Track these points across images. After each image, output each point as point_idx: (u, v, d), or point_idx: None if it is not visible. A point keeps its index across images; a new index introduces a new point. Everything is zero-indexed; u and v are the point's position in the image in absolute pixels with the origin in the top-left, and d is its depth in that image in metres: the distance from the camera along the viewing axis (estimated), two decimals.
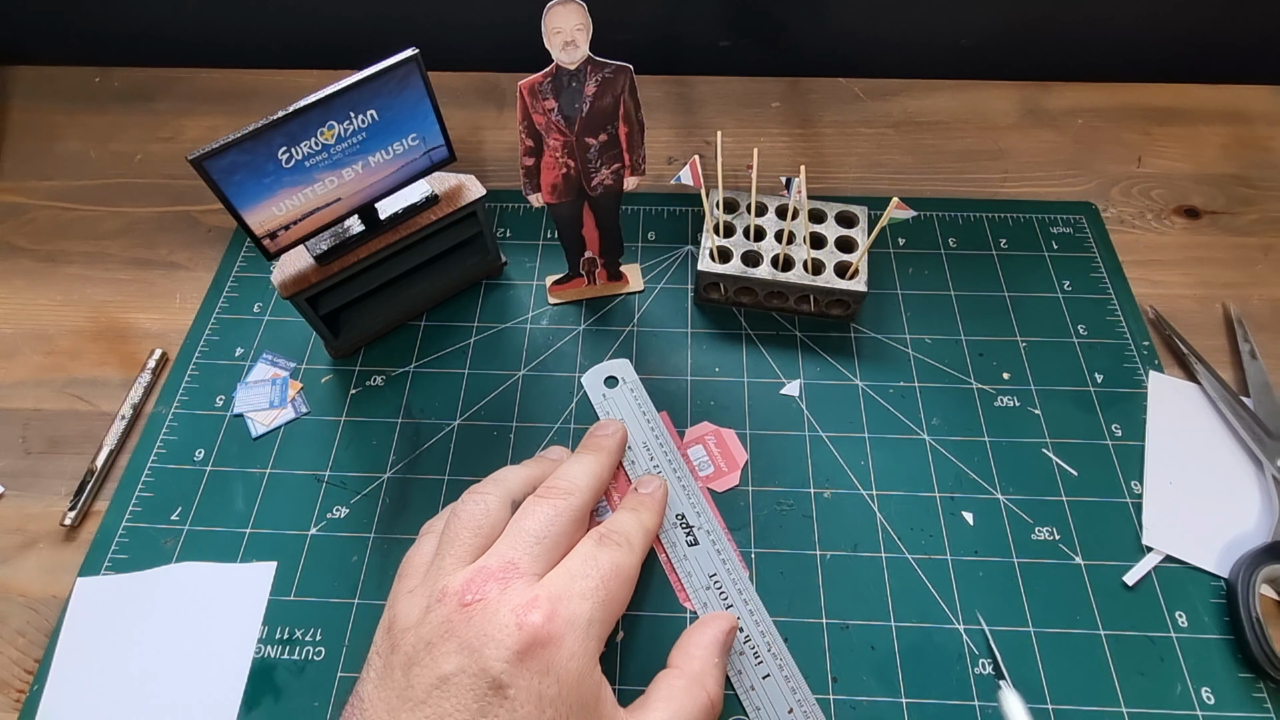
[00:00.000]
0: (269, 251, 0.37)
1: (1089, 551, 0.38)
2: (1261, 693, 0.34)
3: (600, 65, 0.36)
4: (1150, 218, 0.50)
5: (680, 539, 0.38)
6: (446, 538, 0.32)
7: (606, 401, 0.42)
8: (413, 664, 0.28)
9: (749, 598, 0.36)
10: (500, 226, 0.51)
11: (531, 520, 0.32)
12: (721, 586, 0.37)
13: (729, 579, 0.37)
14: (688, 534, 0.38)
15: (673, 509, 0.39)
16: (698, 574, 0.37)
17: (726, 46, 0.59)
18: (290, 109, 0.34)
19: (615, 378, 0.43)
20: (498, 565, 0.30)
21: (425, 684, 0.27)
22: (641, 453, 0.40)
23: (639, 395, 0.42)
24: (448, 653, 0.28)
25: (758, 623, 0.36)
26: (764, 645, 0.35)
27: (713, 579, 0.37)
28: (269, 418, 0.43)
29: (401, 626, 0.29)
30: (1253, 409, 0.41)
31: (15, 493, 0.41)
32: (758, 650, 0.35)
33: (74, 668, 0.36)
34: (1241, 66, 0.57)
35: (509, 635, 0.27)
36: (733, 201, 0.47)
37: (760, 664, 0.35)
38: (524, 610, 0.28)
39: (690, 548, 0.38)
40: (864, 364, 0.44)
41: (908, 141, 0.55)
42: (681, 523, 0.38)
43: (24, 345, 0.46)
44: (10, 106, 0.58)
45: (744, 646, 0.35)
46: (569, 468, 0.35)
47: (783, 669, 0.35)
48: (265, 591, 0.38)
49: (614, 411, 0.42)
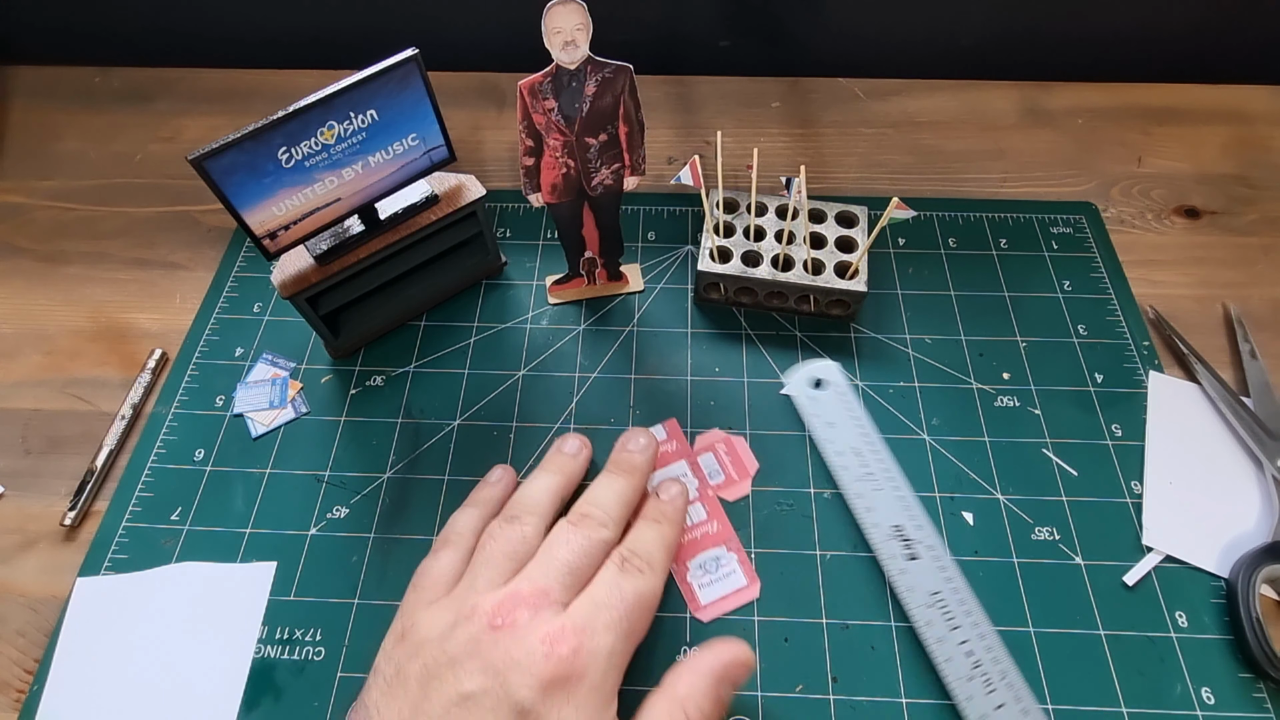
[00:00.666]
0: (269, 251, 0.37)
1: (1089, 551, 0.38)
2: (1261, 693, 0.34)
3: (600, 65, 0.36)
4: (1150, 218, 0.50)
5: (899, 551, 0.36)
6: (481, 559, 0.32)
7: (813, 404, 0.41)
8: (431, 678, 0.28)
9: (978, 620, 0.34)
10: (500, 226, 0.51)
11: (565, 550, 0.32)
12: (946, 605, 0.35)
13: (954, 599, 0.35)
14: (906, 547, 0.36)
15: (888, 521, 0.37)
16: (918, 590, 0.35)
17: (726, 46, 0.59)
18: (290, 109, 0.34)
19: (822, 379, 0.42)
20: (530, 591, 0.30)
21: (443, 700, 0.28)
22: (852, 459, 0.39)
23: (849, 400, 0.40)
24: (472, 672, 0.28)
25: (989, 648, 0.34)
26: (997, 674, 0.33)
27: (935, 596, 0.35)
28: (269, 418, 0.43)
29: (420, 638, 0.29)
30: (1253, 409, 0.41)
31: (15, 493, 0.41)
32: (989, 678, 0.33)
33: (74, 668, 0.36)
34: (1241, 66, 0.57)
35: (536, 664, 0.28)
36: (733, 201, 0.47)
37: (992, 692, 0.33)
38: (552, 640, 0.28)
39: (910, 562, 0.36)
40: (864, 364, 0.44)
41: (908, 141, 0.55)
42: (898, 535, 0.36)
43: (24, 345, 0.46)
44: (10, 106, 0.58)
45: (973, 672, 0.33)
46: (602, 493, 0.35)
47: (1019, 701, 0.32)
48: (265, 591, 0.38)
49: (823, 414, 0.40)
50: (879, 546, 0.37)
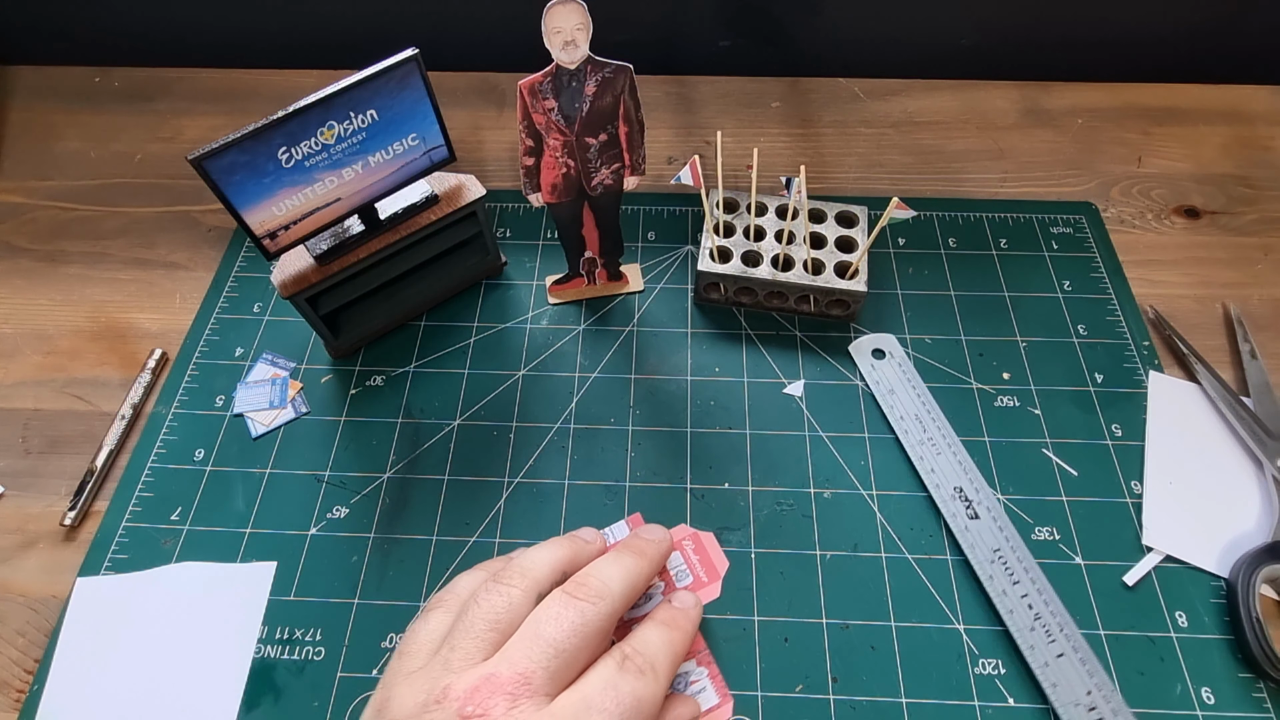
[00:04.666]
0: (269, 251, 0.37)
1: (1089, 551, 0.38)
2: (1261, 693, 0.34)
3: (600, 65, 0.36)
4: (1150, 218, 0.50)
5: (961, 510, 0.38)
6: (461, 627, 0.28)
7: (875, 371, 0.43)
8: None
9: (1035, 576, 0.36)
10: (500, 226, 0.51)
11: (553, 627, 0.28)
12: (1006, 561, 0.36)
13: (1013, 556, 0.37)
14: (967, 507, 0.38)
15: (950, 482, 0.39)
16: (981, 548, 0.37)
17: (726, 46, 0.59)
18: (290, 109, 0.34)
19: (882, 350, 0.43)
20: (509, 677, 0.26)
21: None
22: (914, 424, 0.41)
23: (907, 369, 0.43)
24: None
25: (1047, 602, 0.36)
26: (1055, 625, 0.35)
27: (996, 553, 0.37)
28: (269, 418, 0.43)
29: (392, 716, 0.27)
30: (1253, 409, 0.41)
31: (15, 493, 0.41)
32: (1049, 629, 0.35)
33: (74, 668, 0.36)
34: (1241, 66, 0.57)
35: None
36: (733, 201, 0.47)
37: (1053, 642, 0.35)
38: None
39: (972, 521, 0.38)
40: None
41: (907, 141, 0.55)
42: (960, 495, 0.38)
43: (24, 345, 0.46)
44: (10, 106, 0.58)
45: (1035, 624, 0.35)
46: (605, 566, 0.31)
47: (1077, 651, 0.34)
48: (265, 591, 0.38)
49: (883, 382, 0.42)
50: (944, 505, 0.38)
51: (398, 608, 0.37)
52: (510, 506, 0.40)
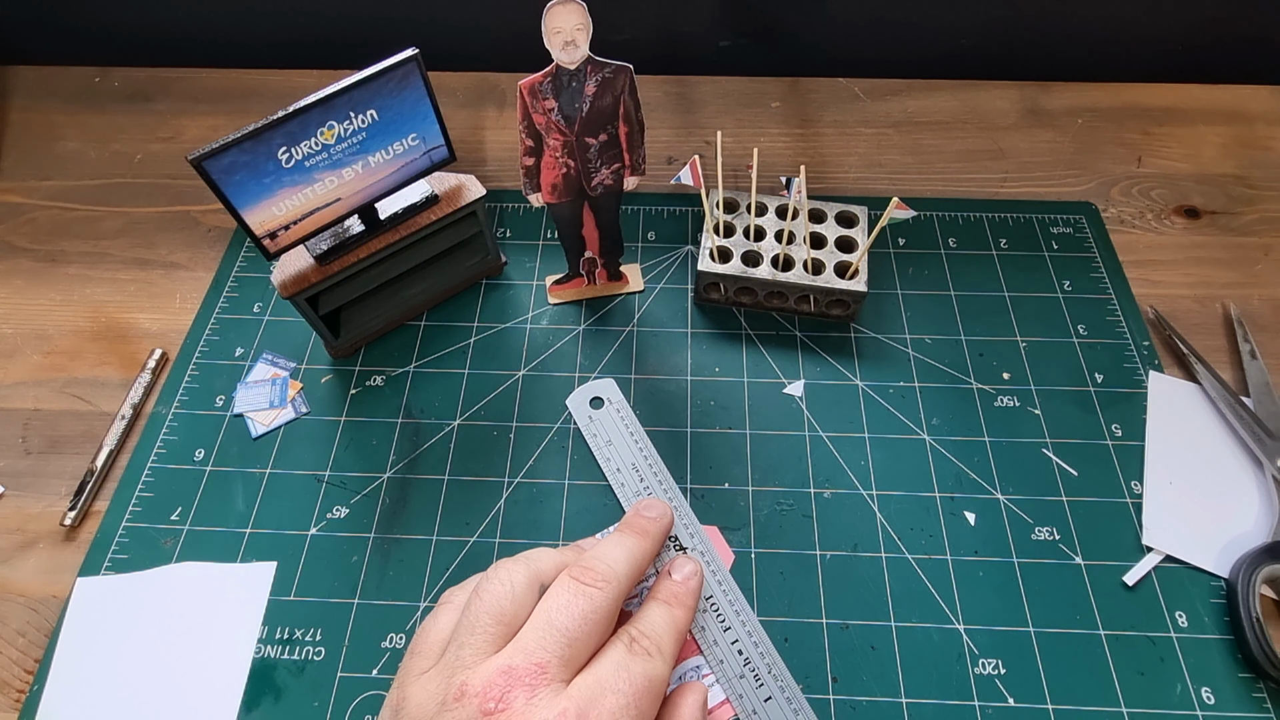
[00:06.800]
0: (269, 251, 0.37)
1: (1089, 551, 0.38)
2: (1261, 693, 0.34)
3: (600, 65, 0.36)
4: (1150, 218, 0.50)
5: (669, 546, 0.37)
6: (466, 622, 0.29)
7: (593, 424, 0.41)
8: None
9: (746, 619, 0.35)
10: (500, 226, 0.51)
11: (565, 616, 0.28)
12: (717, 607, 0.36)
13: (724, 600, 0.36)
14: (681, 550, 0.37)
15: None
16: None
17: (726, 46, 0.59)
18: (290, 109, 0.34)
19: (601, 398, 0.42)
20: (526, 668, 0.27)
21: None
22: (630, 475, 0.40)
23: (626, 416, 0.41)
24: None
25: (756, 644, 0.35)
26: (764, 667, 0.34)
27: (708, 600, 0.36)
28: (269, 418, 0.43)
29: (410, 717, 0.27)
30: (1253, 409, 0.41)
31: (15, 493, 0.41)
32: (758, 673, 0.34)
33: (74, 668, 0.36)
34: (1241, 66, 0.58)
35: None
36: (733, 201, 0.47)
37: (761, 686, 0.34)
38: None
39: None
40: (864, 364, 0.44)
41: (908, 141, 0.55)
42: (676, 543, 0.37)
43: (24, 345, 0.46)
44: (10, 106, 0.58)
45: (744, 670, 0.34)
46: (608, 549, 0.32)
47: (784, 690, 0.34)
48: (265, 591, 0.38)
49: (601, 434, 0.41)
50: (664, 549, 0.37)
51: (398, 608, 0.37)
52: (510, 506, 0.40)
